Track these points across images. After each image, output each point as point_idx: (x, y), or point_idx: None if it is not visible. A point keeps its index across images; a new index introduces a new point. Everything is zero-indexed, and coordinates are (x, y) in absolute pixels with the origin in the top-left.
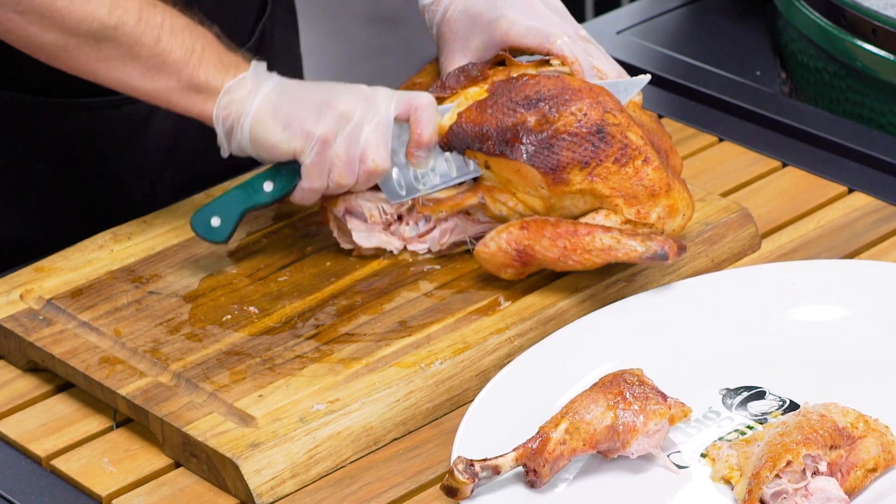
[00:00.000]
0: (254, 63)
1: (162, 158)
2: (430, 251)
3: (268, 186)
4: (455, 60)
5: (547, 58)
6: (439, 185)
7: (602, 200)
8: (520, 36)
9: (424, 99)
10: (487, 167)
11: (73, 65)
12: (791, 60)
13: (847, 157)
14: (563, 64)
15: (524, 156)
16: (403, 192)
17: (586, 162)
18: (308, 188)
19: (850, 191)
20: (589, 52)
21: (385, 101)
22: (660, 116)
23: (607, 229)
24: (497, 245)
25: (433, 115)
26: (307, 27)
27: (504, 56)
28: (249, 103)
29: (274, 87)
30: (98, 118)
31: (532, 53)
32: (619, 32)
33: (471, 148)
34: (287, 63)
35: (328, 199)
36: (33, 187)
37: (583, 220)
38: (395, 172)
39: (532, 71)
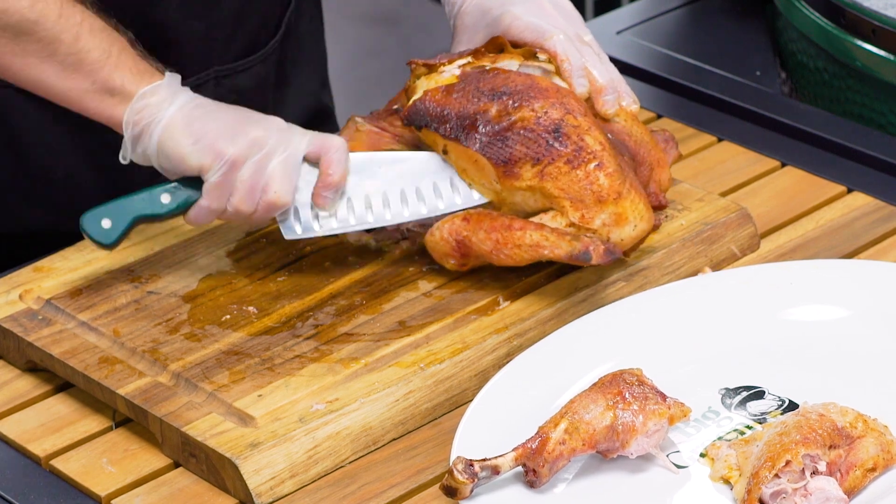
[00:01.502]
0: (168, 74)
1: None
2: (403, 236)
3: (165, 199)
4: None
5: (536, 51)
6: (336, 229)
7: (550, 200)
8: (518, 31)
9: (337, 141)
10: (445, 152)
11: None
12: (791, 60)
13: (846, 157)
14: (549, 60)
15: (477, 144)
16: (299, 231)
17: (538, 159)
18: (206, 207)
19: (850, 191)
20: (583, 54)
21: (298, 138)
22: (659, 116)
23: (540, 226)
24: (440, 234)
25: (344, 158)
26: None
27: (503, 42)
28: (163, 111)
29: (189, 100)
30: None
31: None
32: (619, 32)
33: (428, 127)
34: (312, 55)
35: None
36: (67, 178)
37: (532, 219)
38: (293, 210)
39: (517, 60)
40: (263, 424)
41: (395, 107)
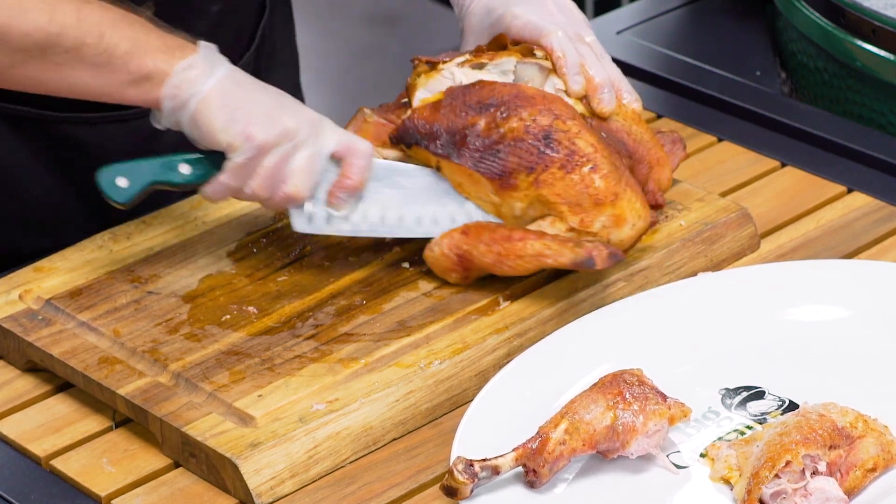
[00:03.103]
0: (203, 44)
1: None
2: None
3: (184, 169)
4: None
5: (534, 48)
6: (346, 232)
7: (548, 207)
8: (518, 29)
9: (364, 147)
10: (439, 168)
11: (21, 81)
12: (791, 60)
13: (846, 157)
14: (546, 57)
15: (470, 161)
16: (309, 227)
17: (532, 167)
18: (224, 184)
19: (850, 191)
20: (581, 53)
21: (328, 134)
22: (659, 116)
23: (540, 235)
24: (440, 250)
25: (366, 165)
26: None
27: (505, 40)
28: (200, 84)
29: (228, 73)
30: (104, 132)
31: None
32: (619, 32)
33: (419, 145)
34: (285, 60)
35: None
36: (38, 199)
37: (530, 226)
38: (308, 204)
39: (515, 57)
40: (263, 424)
41: (404, 100)
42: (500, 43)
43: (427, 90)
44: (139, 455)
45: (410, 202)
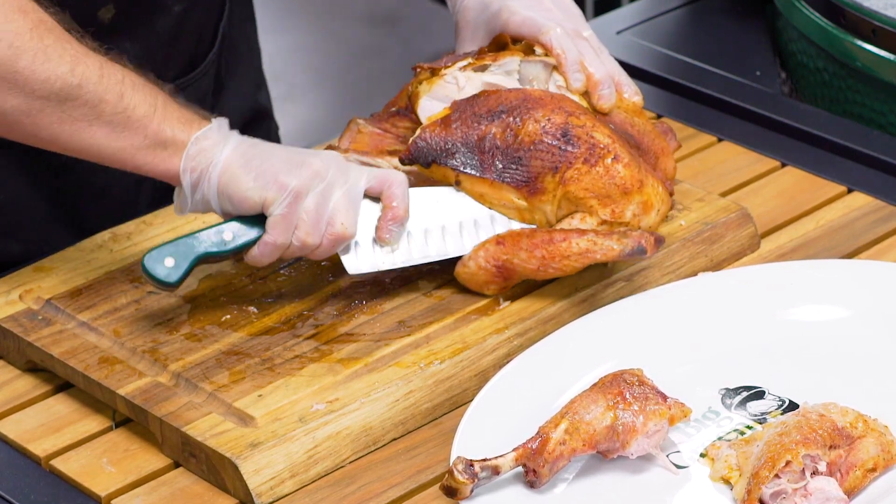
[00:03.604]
0: (215, 118)
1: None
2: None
3: (228, 236)
4: (465, 49)
5: (532, 45)
6: (400, 263)
7: (577, 203)
8: (516, 26)
9: (399, 177)
10: (458, 183)
11: (35, 131)
12: (791, 60)
13: (846, 157)
14: (546, 54)
15: (493, 173)
16: (364, 268)
17: (556, 167)
18: (271, 242)
19: (850, 191)
20: (581, 49)
21: (357, 171)
22: (659, 116)
23: (582, 232)
24: (476, 264)
25: (406, 192)
26: (306, 28)
27: (505, 40)
28: (218, 153)
29: (242, 140)
30: None
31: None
32: (619, 32)
33: (437, 162)
34: (246, 58)
35: None
36: (9, 200)
37: (558, 225)
38: (353, 244)
39: (518, 57)
40: (263, 424)
41: (394, 109)
42: (499, 43)
43: (431, 96)
44: (139, 455)
45: (446, 220)
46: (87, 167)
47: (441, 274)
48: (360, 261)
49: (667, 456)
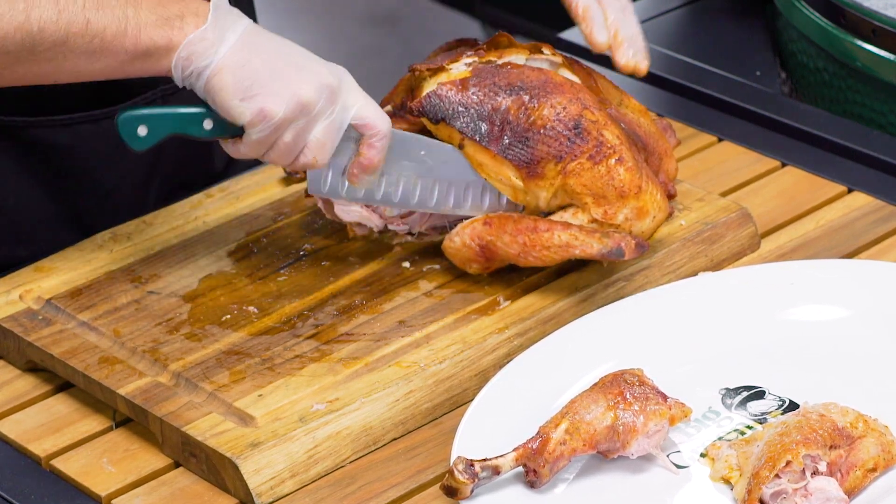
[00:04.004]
0: (214, 3)
1: (147, 171)
2: (410, 233)
3: (207, 125)
4: None
5: (541, 46)
6: (360, 200)
7: (572, 197)
8: None
9: (383, 125)
10: (461, 146)
11: (17, 79)
12: (791, 60)
13: (846, 157)
14: (553, 54)
15: (498, 146)
16: (324, 189)
17: (560, 157)
18: (244, 153)
19: (850, 190)
20: (604, 5)
21: (349, 100)
22: (659, 116)
23: (566, 226)
24: (461, 240)
25: (385, 146)
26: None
27: (504, 36)
28: (212, 56)
29: (241, 35)
30: (78, 134)
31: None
32: None
33: (445, 121)
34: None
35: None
36: (16, 204)
37: (552, 217)
38: (325, 171)
39: (523, 55)
40: (263, 424)
41: (389, 108)
42: (497, 43)
43: None
44: (139, 455)
45: (426, 177)
46: (94, 168)
47: (441, 274)
48: (323, 185)
49: (667, 456)
